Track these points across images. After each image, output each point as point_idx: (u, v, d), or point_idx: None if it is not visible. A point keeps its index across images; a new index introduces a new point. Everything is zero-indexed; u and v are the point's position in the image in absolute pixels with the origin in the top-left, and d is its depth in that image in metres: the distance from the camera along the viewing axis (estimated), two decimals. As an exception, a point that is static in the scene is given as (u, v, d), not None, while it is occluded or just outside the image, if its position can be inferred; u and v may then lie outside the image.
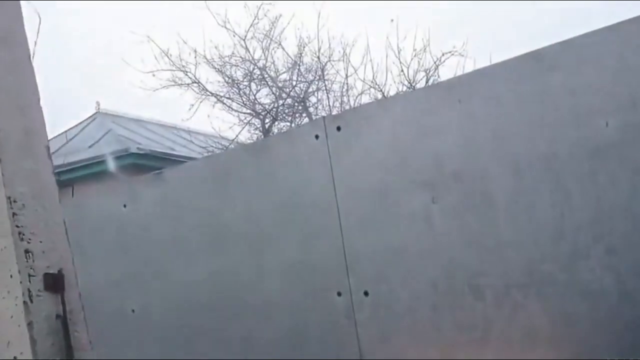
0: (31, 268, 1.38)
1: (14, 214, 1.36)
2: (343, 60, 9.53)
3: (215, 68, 9.99)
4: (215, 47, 11.80)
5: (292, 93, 10.06)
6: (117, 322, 3.10)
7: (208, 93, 10.09)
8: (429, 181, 2.00)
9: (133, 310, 3.00)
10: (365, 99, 9.37)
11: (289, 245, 2.37)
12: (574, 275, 1.71)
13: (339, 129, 2.24)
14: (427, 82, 8.88)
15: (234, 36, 9.97)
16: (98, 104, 12.69)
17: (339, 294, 2.20)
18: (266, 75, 9.98)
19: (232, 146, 9.76)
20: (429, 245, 1.98)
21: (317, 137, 2.30)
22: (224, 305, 2.59)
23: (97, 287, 3.23)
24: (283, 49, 9.95)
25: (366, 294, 2.12)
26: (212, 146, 10.23)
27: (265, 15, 10.01)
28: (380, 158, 2.12)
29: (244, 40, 9.78)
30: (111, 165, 8.53)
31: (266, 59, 9.96)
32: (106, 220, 3.20)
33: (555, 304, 1.74)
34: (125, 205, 3.08)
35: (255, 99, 10.21)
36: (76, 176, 9.06)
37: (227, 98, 10.17)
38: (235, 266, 2.55)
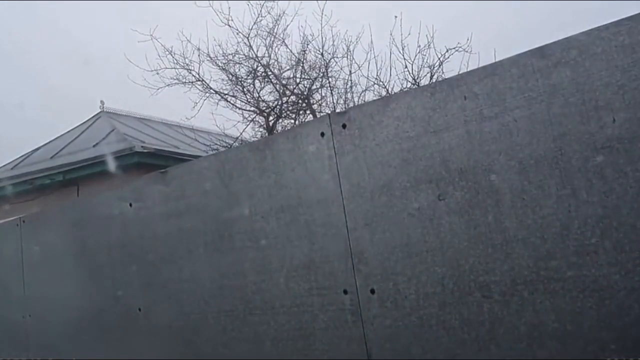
0: None
1: None
2: (347, 57, 9.53)
3: (219, 66, 10.02)
4: (219, 45, 11.86)
5: (295, 90, 10.05)
6: (123, 320, 3.11)
7: (212, 91, 10.12)
8: (435, 178, 1.99)
9: (139, 309, 3.01)
10: (369, 96, 9.37)
11: (295, 243, 2.37)
12: (581, 272, 1.70)
13: (344, 126, 2.24)
14: (431, 78, 8.86)
15: (237, 34, 10.00)
16: (102, 103, 12.77)
17: (345, 292, 2.20)
18: (270, 73, 9.98)
19: (236, 144, 9.78)
20: (436, 242, 1.98)
21: (322, 134, 2.30)
22: (229, 304, 2.59)
23: (103, 285, 3.24)
24: (286, 46, 9.96)
25: (372, 291, 2.12)
26: (216, 144, 10.26)
27: (269, 13, 10.08)
28: (385, 155, 2.12)
29: (247, 37, 9.81)
30: (116, 164, 8.55)
31: (270, 57, 9.98)
32: (111, 219, 3.22)
33: (563, 301, 1.73)
34: (130, 204, 3.09)
35: (259, 96, 10.23)
36: (81, 175, 9.11)
37: (230, 96, 10.19)
38: (240, 265, 2.55)
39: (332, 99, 9.98)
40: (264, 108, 10.19)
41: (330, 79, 9.87)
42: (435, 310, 1.97)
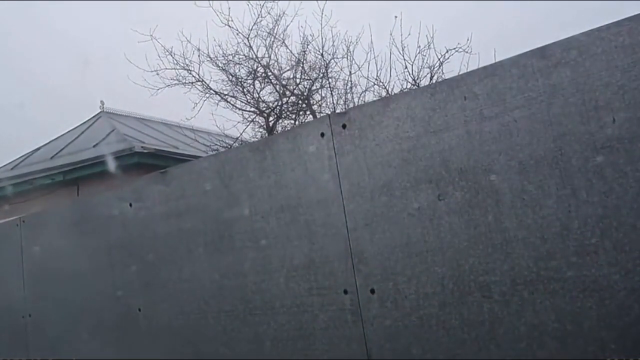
0: None
1: None
2: (347, 58, 9.52)
3: (219, 66, 10.01)
4: (219, 46, 11.89)
5: (295, 91, 10.05)
6: (123, 320, 3.11)
7: (212, 91, 10.11)
8: (435, 178, 1.99)
9: (139, 309, 3.01)
10: (369, 96, 9.37)
11: (295, 243, 2.37)
12: (581, 272, 1.70)
13: (344, 126, 2.24)
14: (431, 78, 8.86)
15: (237, 34, 10.00)
16: (102, 103, 12.78)
17: (346, 292, 2.20)
18: (270, 73, 9.98)
19: (236, 144, 9.78)
20: (436, 242, 1.98)
21: (322, 134, 2.30)
22: (229, 304, 2.59)
23: (103, 285, 3.24)
24: (286, 46, 9.96)
25: (372, 291, 2.12)
26: (216, 144, 10.25)
27: (269, 13, 10.11)
28: (385, 155, 2.12)
29: (247, 38, 9.80)
30: (116, 164, 8.55)
31: (270, 57, 9.97)
32: (111, 219, 3.21)
33: (563, 301, 1.73)
34: (130, 204, 3.09)
35: (259, 96, 10.22)
36: (81, 175, 9.12)
37: (230, 96, 10.19)
38: (240, 265, 2.55)
39: (332, 100, 10.00)
40: (264, 108, 10.19)
41: (330, 80, 9.88)
42: (435, 310, 1.97)
